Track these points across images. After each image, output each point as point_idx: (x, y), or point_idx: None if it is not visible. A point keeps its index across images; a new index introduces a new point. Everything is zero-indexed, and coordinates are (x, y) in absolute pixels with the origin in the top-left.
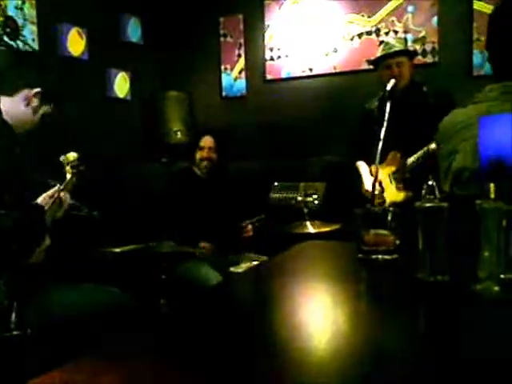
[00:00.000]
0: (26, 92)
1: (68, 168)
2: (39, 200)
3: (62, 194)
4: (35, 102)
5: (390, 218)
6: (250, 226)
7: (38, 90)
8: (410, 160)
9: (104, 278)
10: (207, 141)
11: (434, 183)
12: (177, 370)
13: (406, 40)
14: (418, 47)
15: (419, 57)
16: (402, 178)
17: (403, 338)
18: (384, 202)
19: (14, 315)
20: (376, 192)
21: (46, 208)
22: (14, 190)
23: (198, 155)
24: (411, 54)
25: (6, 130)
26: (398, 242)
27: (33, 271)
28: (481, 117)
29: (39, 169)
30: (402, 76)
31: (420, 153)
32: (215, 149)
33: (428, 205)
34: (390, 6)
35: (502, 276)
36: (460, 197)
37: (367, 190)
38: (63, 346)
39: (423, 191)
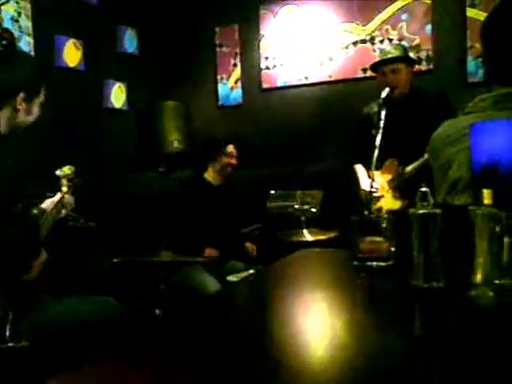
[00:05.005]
0: (11, 103)
1: (64, 181)
2: (44, 205)
3: (66, 196)
4: (23, 106)
5: (384, 225)
6: (253, 247)
7: (21, 95)
8: (408, 169)
9: (101, 289)
10: (234, 148)
11: (428, 190)
12: (173, 377)
13: (404, 47)
14: (412, 55)
15: None
16: (399, 186)
17: (399, 344)
18: (381, 209)
19: (8, 327)
20: (373, 195)
21: (48, 211)
22: (6, 201)
23: (225, 160)
24: (408, 61)
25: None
26: (392, 248)
27: (28, 283)
28: (473, 124)
29: (36, 182)
30: (398, 83)
31: (418, 162)
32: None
33: (422, 211)
34: (384, 15)
35: (496, 281)
36: (453, 206)
37: (364, 190)
38: (58, 357)
39: (417, 198)
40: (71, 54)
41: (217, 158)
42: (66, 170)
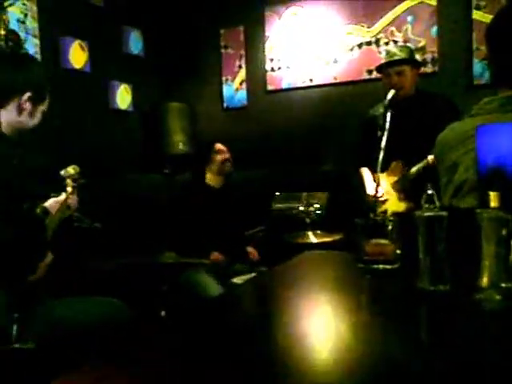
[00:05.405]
0: (16, 101)
1: (69, 181)
2: (47, 204)
3: (70, 196)
4: (28, 106)
5: (390, 227)
6: (254, 252)
7: (28, 94)
8: (412, 171)
9: (105, 290)
10: (221, 145)
11: (434, 192)
12: (177, 379)
13: (410, 48)
14: (418, 57)
15: None
16: (404, 188)
17: (405, 348)
18: (386, 211)
19: (14, 328)
20: (379, 199)
21: (53, 211)
22: (11, 201)
23: (220, 158)
24: (413, 63)
25: (2, 141)
26: (398, 251)
27: (34, 284)
28: (479, 126)
29: (41, 182)
30: (403, 85)
31: (421, 164)
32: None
33: (428, 214)
34: (389, 17)
35: (503, 285)
36: (459, 209)
37: (369, 195)
38: (62, 358)
39: (422, 200)
40: (77, 55)
41: (210, 159)
42: (71, 170)
